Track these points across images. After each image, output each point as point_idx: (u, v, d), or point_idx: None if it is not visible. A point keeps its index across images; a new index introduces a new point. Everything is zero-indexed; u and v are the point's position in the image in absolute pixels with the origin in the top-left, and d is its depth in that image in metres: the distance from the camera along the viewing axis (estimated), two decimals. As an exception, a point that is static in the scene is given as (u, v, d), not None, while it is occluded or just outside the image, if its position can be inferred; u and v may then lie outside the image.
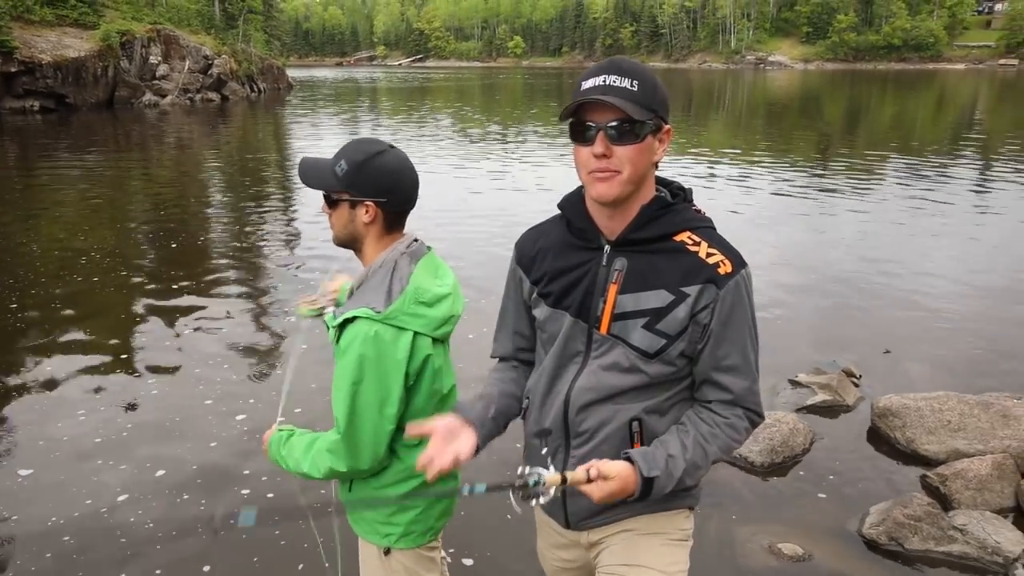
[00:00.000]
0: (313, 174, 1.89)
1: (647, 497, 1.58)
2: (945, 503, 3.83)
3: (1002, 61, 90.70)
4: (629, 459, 1.57)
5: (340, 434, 1.83)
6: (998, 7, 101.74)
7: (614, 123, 1.51)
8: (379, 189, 1.84)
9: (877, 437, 4.58)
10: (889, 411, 4.57)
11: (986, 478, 3.87)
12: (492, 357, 1.98)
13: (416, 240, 1.95)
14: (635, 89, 1.51)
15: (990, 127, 25.80)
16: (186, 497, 3.84)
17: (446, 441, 1.60)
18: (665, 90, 1.58)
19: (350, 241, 1.93)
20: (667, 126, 1.59)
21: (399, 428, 1.86)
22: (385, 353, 1.78)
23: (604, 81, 1.52)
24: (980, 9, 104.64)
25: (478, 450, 1.68)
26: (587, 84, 1.54)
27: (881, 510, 3.65)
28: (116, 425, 4.60)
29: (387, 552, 2.01)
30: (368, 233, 1.88)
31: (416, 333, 1.82)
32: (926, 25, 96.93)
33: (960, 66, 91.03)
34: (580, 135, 1.56)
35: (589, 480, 1.51)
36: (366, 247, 1.91)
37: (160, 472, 4.07)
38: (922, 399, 4.58)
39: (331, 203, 1.89)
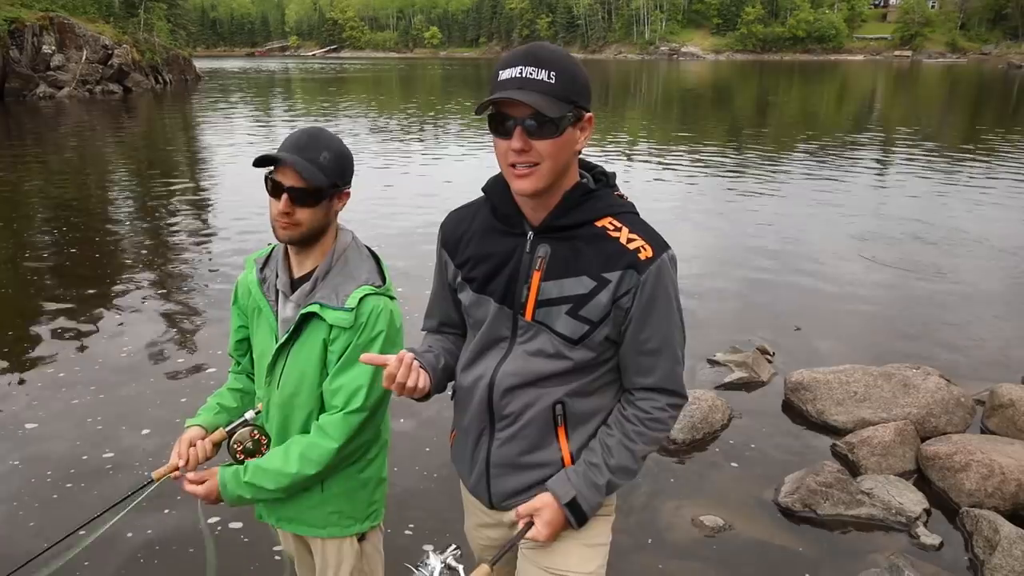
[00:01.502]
0: (310, 173, 1.76)
1: (583, 517, 1.67)
2: (853, 469, 4.03)
3: (897, 53, 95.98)
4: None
5: (354, 410, 1.82)
6: (892, 1, 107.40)
7: (531, 118, 1.48)
8: (351, 173, 1.90)
9: (790, 410, 4.79)
10: (801, 385, 4.77)
11: (889, 444, 4.09)
12: (422, 330, 1.98)
13: None
14: (552, 82, 1.47)
15: (887, 114, 27.24)
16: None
17: (408, 368, 1.60)
18: (585, 76, 1.54)
19: (318, 233, 1.86)
20: (588, 114, 1.56)
21: None
22: (395, 323, 1.89)
23: (521, 73, 1.47)
24: (876, 3, 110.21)
25: (427, 396, 1.70)
26: (504, 75, 1.49)
27: (795, 479, 3.82)
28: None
29: (362, 538, 2.04)
30: (334, 220, 1.91)
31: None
32: (827, 18, 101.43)
33: (860, 57, 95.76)
34: (498, 128, 1.53)
35: (529, 526, 1.65)
36: (327, 235, 1.90)
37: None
38: (831, 373, 4.81)
39: (317, 198, 1.79)
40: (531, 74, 1.47)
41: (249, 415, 2.01)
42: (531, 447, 1.72)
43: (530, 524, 1.66)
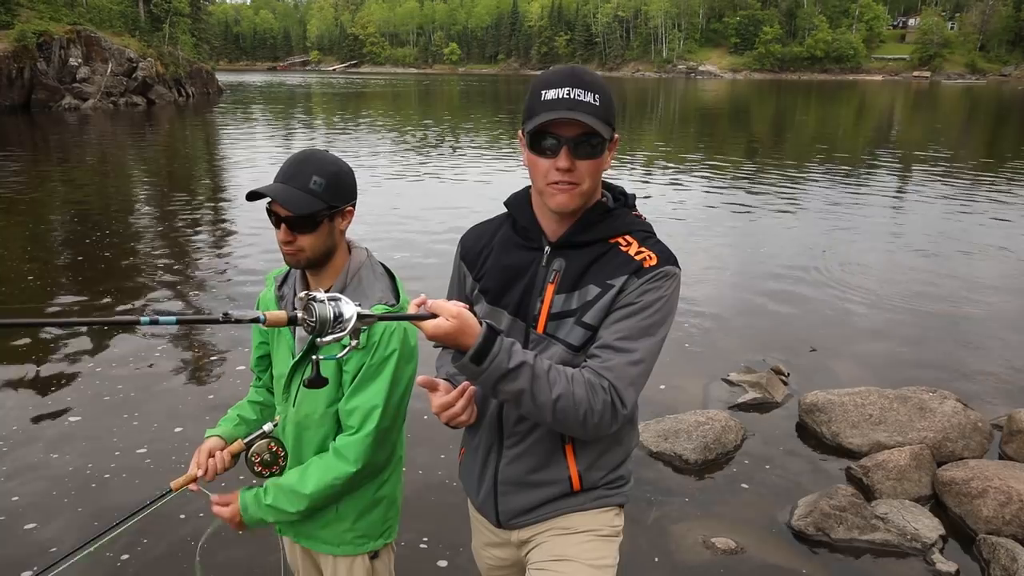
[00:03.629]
0: (295, 202, 1.76)
1: (483, 357, 1.44)
2: (868, 493, 3.99)
3: (916, 73, 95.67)
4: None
5: (371, 431, 1.82)
6: (911, 22, 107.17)
7: (581, 138, 1.52)
8: (352, 191, 1.88)
9: (805, 432, 4.75)
10: (815, 407, 4.74)
11: (905, 468, 4.05)
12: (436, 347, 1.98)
13: None
14: (598, 104, 1.52)
15: (906, 135, 27.11)
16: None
17: (468, 400, 1.62)
18: (615, 100, 1.61)
19: (325, 255, 1.86)
20: (616, 136, 1.61)
21: None
22: (409, 341, 1.87)
23: (569, 95, 1.50)
24: (895, 24, 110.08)
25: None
26: (548, 95, 1.52)
27: (809, 502, 3.78)
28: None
29: (375, 556, 2.04)
30: (341, 239, 1.90)
31: None
32: (846, 38, 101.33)
33: (878, 77, 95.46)
34: (542, 145, 1.55)
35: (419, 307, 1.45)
36: (338, 254, 1.90)
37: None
38: (846, 394, 4.77)
39: (313, 225, 1.80)
40: (579, 96, 1.51)
41: (267, 427, 2.02)
42: (539, 465, 1.73)
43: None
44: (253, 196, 1.80)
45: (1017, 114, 39.42)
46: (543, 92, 1.53)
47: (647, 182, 14.58)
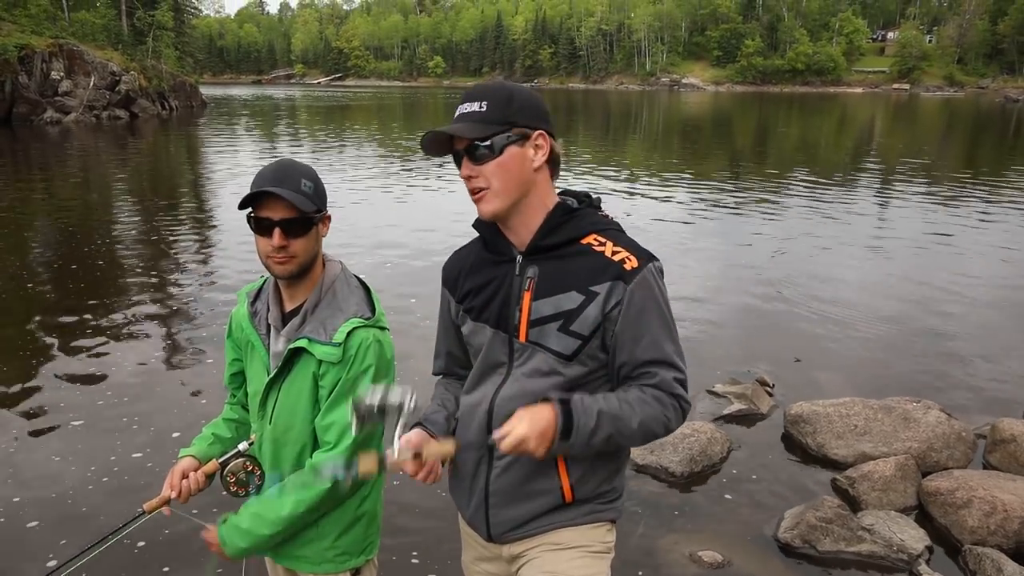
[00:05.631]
0: (300, 201, 1.76)
1: (570, 424, 1.55)
2: (854, 504, 3.98)
3: (895, 85, 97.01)
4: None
5: (347, 447, 1.78)
6: (890, 35, 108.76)
7: (468, 147, 1.61)
8: (326, 198, 1.88)
9: (790, 443, 4.74)
10: (800, 418, 4.74)
11: (890, 479, 4.05)
12: (434, 375, 2.02)
13: None
14: (483, 110, 1.60)
15: (887, 147, 27.41)
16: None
17: (428, 470, 1.70)
18: (527, 98, 1.64)
19: (312, 263, 1.85)
20: (537, 132, 1.63)
21: None
22: (385, 355, 1.85)
23: (459, 111, 1.64)
24: (874, 37, 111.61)
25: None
26: (456, 115, 1.66)
27: (795, 514, 3.77)
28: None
29: (356, 573, 2.00)
30: (320, 247, 1.89)
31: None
32: (826, 51, 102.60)
33: (858, 90, 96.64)
34: (456, 163, 1.67)
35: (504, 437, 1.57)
36: (318, 264, 1.88)
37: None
38: (831, 405, 4.78)
39: (308, 227, 1.79)
40: (465, 109, 1.64)
41: (242, 446, 1.98)
42: (530, 475, 1.71)
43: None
44: (249, 200, 1.76)
45: (995, 126, 40.00)
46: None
47: (631, 192, 14.62)
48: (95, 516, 3.75)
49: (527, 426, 1.54)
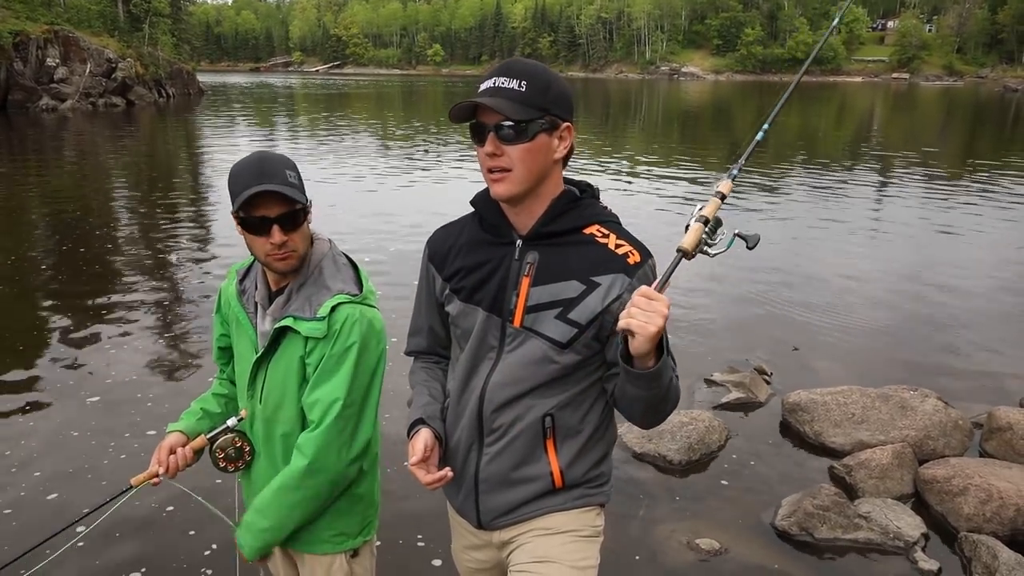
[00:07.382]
0: (294, 193, 1.73)
1: (662, 352, 1.46)
2: (851, 492, 4.00)
3: (895, 75, 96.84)
4: None
5: (330, 424, 1.77)
6: (890, 24, 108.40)
7: (502, 123, 1.54)
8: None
9: (788, 431, 4.75)
10: (798, 406, 4.75)
11: (887, 467, 4.06)
12: (406, 354, 1.98)
13: None
14: (522, 90, 1.54)
15: (887, 136, 27.35)
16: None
17: (439, 480, 1.68)
18: (563, 88, 1.60)
19: (305, 253, 1.84)
20: (565, 123, 1.61)
21: None
22: (374, 332, 1.82)
23: (494, 84, 1.56)
24: (874, 26, 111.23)
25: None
26: (482, 87, 1.58)
27: (792, 501, 3.78)
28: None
29: (355, 554, 2.00)
30: (309, 233, 1.88)
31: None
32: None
33: (858, 79, 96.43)
34: (476, 135, 1.60)
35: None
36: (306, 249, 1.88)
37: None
38: (828, 394, 4.79)
39: (303, 218, 1.79)
40: (503, 84, 1.56)
41: (232, 422, 1.95)
42: (521, 461, 1.71)
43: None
44: (250, 202, 1.71)
45: (994, 116, 39.93)
46: (480, 85, 1.60)
47: (629, 182, 14.60)
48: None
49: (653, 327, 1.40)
